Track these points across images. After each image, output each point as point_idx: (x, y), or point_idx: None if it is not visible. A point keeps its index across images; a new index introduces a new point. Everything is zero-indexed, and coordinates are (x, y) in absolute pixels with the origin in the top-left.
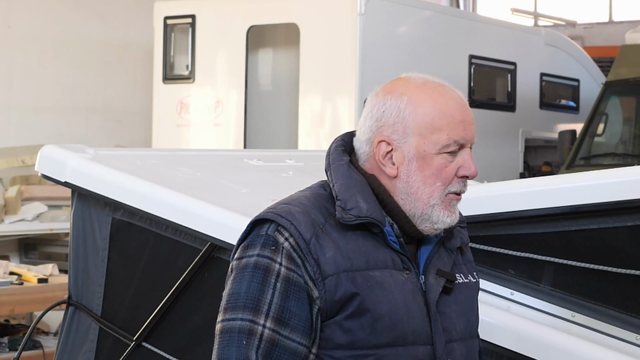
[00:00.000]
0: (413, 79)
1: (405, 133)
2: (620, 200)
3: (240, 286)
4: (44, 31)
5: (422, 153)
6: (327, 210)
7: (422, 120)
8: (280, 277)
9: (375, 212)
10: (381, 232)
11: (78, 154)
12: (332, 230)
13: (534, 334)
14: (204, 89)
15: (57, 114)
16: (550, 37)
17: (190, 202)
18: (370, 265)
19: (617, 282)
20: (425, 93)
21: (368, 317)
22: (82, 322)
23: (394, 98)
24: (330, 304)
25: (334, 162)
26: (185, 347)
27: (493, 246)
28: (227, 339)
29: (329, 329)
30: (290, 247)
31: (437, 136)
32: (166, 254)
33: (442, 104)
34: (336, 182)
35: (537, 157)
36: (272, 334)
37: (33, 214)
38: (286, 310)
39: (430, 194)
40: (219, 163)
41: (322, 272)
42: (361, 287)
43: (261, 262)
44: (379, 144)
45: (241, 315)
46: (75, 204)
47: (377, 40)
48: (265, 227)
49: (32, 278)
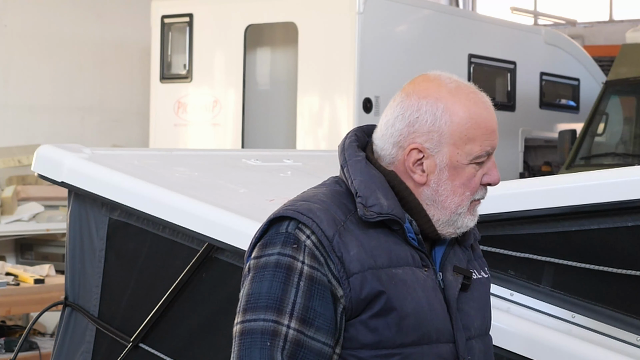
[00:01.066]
0: (445, 82)
1: (440, 142)
2: (620, 201)
3: (260, 286)
4: (40, 30)
5: (455, 163)
6: (346, 206)
7: (458, 130)
8: (304, 275)
9: (396, 209)
10: (401, 229)
11: (75, 154)
12: (354, 227)
13: (534, 335)
14: (201, 88)
15: (53, 114)
16: (550, 36)
17: (187, 202)
18: (393, 263)
19: (617, 282)
20: (461, 101)
21: (394, 316)
22: (79, 323)
23: (429, 104)
24: (356, 302)
25: (350, 157)
26: (182, 348)
27: (493, 247)
28: (249, 340)
29: (354, 328)
30: (312, 245)
31: (470, 147)
32: (163, 255)
33: (478, 114)
34: (355, 179)
35: (537, 157)
36: (297, 335)
37: (29, 214)
38: (311, 309)
39: (459, 203)
40: (216, 163)
41: (347, 270)
42: (387, 285)
43: (282, 260)
44: (411, 151)
45: (263, 315)
46: (72, 204)
47: (375, 39)
48: (284, 224)
49: (29, 279)
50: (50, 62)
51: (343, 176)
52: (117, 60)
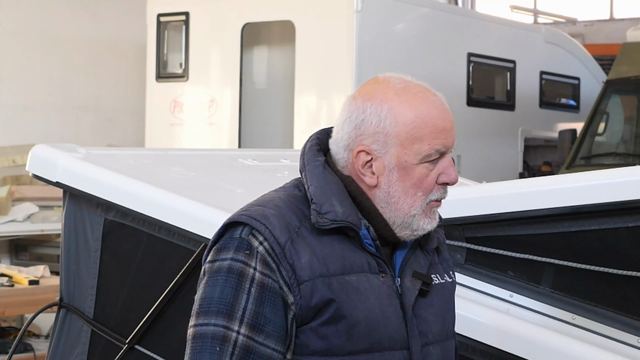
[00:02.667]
0: (393, 83)
1: (386, 143)
2: (621, 201)
3: (213, 290)
4: (34, 28)
5: (403, 164)
6: (302, 212)
7: (404, 130)
8: (255, 282)
9: (352, 215)
10: (357, 236)
11: (69, 154)
12: (308, 234)
13: (534, 336)
14: (197, 87)
15: (47, 113)
16: (550, 35)
17: (183, 202)
18: (347, 270)
19: (618, 283)
20: (407, 100)
21: (344, 324)
22: (74, 325)
23: (374, 106)
24: (306, 310)
25: (309, 162)
26: (178, 350)
27: (492, 247)
28: (200, 344)
29: (305, 334)
30: (264, 252)
31: (418, 146)
32: (159, 256)
33: (424, 112)
34: (311, 185)
35: (537, 157)
36: (247, 341)
37: (24, 215)
38: (261, 316)
39: (412, 204)
40: (213, 163)
41: (298, 278)
42: (337, 293)
43: (235, 266)
44: (359, 154)
45: (214, 320)
46: (66, 204)
47: (373, 37)
48: (238, 230)
49: (23, 280)
50: (44, 61)
51: (302, 181)
52: (112, 59)
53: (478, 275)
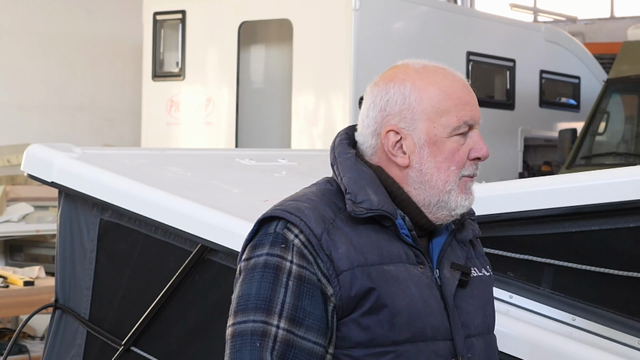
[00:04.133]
0: (412, 65)
1: (413, 120)
2: (622, 201)
3: (250, 287)
4: (30, 27)
5: (433, 138)
6: (336, 205)
7: (429, 105)
8: (292, 275)
9: (387, 204)
10: (393, 225)
11: (65, 154)
12: (343, 225)
13: (534, 338)
14: (194, 86)
15: (43, 112)
16: (550, 33)
17: (180, 202)
18: (385, 260)
19: (619, 284)
20: (428, 77)
21: (386, 313)
22: (69, 326)
23: (396, 85)
24: (346, 300)
25: (340, 155)
26: (175, 351)
27: (491, 248)
28: (240, 342)
29: (346, 327)
30: (301, 244)
31: (446, 119)
32: (156, 256)
33: (447, 86)
34: (344, 176)
35: (537, 157)
36: (287, 335)
37: (19, 215)
38: (300, 309)
39: (446, 179)
40: (210, 163)
41: (336, 268)
42: (377, 282)
43: (271, 261)
44: (387, 134)
45: (253, 317)
46: (62, 204)
47: (372, 36)
48: (273, 225)
49: (18, 281)
50: (40, 60)
51: (334, 174)
52: (109, 58)
53: None
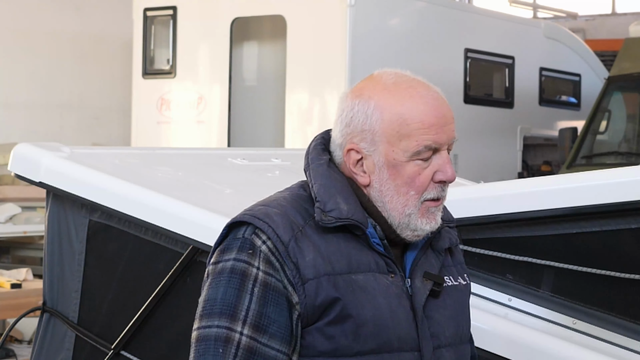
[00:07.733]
0: (384, 79)
1: (374, 141)
2: (623, 202)
3: (216, 292)
4: (16, 23)
5: (392, 161)
6: (306, 211)
7: (390, 128)
8: (258, 282)
9: (357, 213)
10: (364, 234)
11: (53, 153)
12: (312, 233)
13: (533, 341)
14: (185, 84)
15: (30, 111)
16: (550, 30)
17: (171, 203)
18: (353, 269)
19: (620, 287)
20: (395, 95)
21: (351, 323)
22: (58, 330)
23: (361, 103)
24: (311, 309)
25: (313, 161)
26: (165, 355)
27: (490, 250)
28: (203, 347)
29: (311, 335)
30: (268, 251)
31: (406, 143)
32: (146, 258)
33: (411, 109)
34: (315, 183)
35: (537, 156)
36: (250, 342)
37: (6, 216)
38: (265, 316)
39: (405, 203)
40: (201, 162)
41: (302, 276)
42: (343, 292)
43: (238, 266)
44: (349, 152)
45: (217, 322)
46: (50, 205)
47: (367, 33)
48: (241, 230)
49: (5, 283)
50: (27, 57)
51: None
52: (97, 55)
53: (475, 279)
